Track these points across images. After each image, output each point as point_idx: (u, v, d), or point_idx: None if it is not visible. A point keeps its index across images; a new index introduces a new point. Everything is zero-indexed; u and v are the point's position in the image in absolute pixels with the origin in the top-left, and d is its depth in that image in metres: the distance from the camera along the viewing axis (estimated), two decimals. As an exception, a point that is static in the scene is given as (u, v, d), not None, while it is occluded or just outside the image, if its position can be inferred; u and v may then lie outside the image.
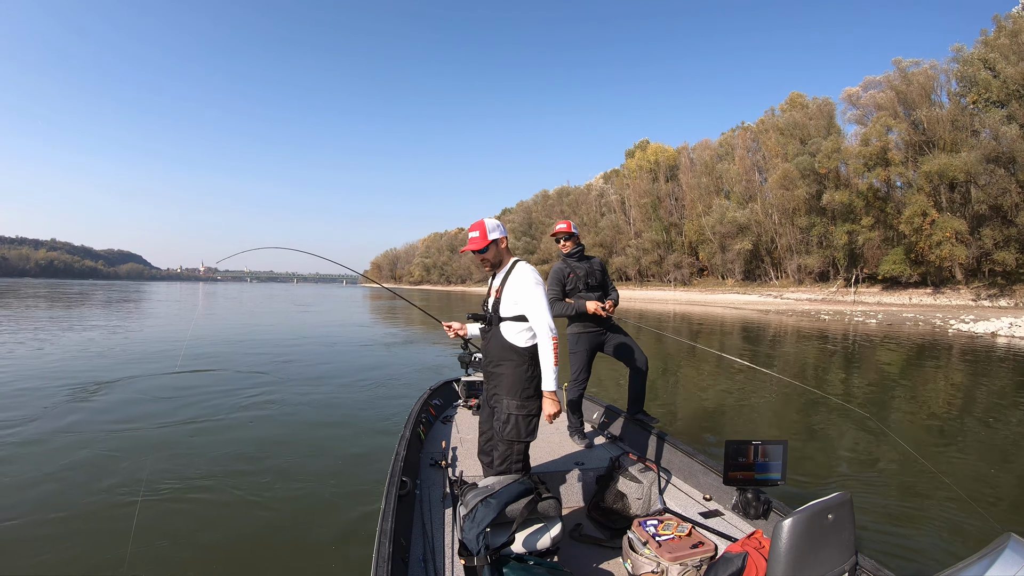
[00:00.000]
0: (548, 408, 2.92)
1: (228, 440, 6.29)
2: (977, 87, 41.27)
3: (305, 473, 5.27)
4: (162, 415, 7.25)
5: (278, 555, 3.67)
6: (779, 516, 2.93)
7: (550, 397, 2.92)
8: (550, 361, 2.87)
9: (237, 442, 6.22)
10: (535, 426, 3.06)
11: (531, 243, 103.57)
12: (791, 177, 55.37)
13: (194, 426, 6.83)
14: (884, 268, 46.95)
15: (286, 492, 4.70)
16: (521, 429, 2.97)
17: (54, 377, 9.49)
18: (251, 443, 6.19)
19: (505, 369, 3.00)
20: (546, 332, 2.89)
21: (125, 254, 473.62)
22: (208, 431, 6.65)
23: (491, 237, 3.01)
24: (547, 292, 4.28)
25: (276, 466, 5.46)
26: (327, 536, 3.89)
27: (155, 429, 6.61)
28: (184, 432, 6.58)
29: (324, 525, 4.01)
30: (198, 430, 6.69)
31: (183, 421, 7.00)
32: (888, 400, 9.31)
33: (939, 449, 6.41)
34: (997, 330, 21.61)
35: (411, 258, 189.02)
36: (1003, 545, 1.55)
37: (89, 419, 6.99)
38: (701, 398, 9.34)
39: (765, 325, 27.03)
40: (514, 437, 2.98)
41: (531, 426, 3.02)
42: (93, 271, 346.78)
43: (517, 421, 2.96)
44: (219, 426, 6.87)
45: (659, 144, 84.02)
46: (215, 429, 6.74)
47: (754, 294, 57.76)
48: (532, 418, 3.01)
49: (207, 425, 6.89)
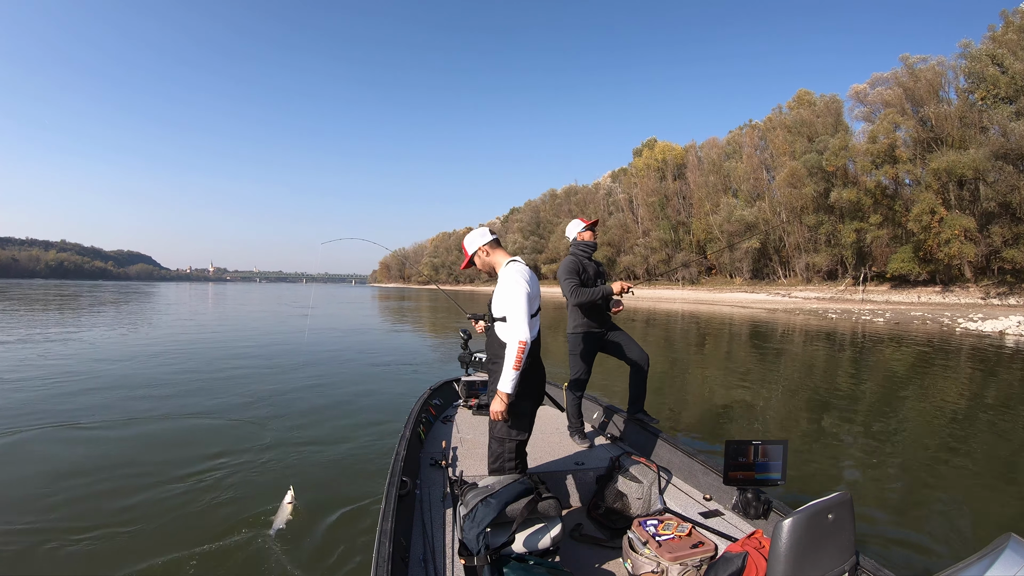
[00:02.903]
0: (494, 405, 2.95)
1: (227, 440, 6.33)
2: (985, 83, 40.93)
3: (305, 472, 5.28)
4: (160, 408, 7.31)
5: (278, 555, 3.67)
6: (779, 516, 2.92)
7: (500, 396, 2.92)
8: (511, 363, 2.87)
9: (236, 442, 6.26)
10: (527, 424, 3.10)
11: (539, 242, 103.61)
12: (799, 175, 55.18)
13: (193, 425, 6.89)
14: (893, 266, 46.65)
15: (284, 490, 4.70)
16: (509, 428, 3.02)
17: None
18: (251, 443, 6.22)
19: (498, 367, 3.01)
20: (514, 336, 2.88)
21: (135, 255, 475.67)
22: (208, 431, 6.70)
23: (470, 251, 3.23)
24: (566, 282, 4.28)
25: (276, 464, 5.48)
26: (327, 536, 3.89)
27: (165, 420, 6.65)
28: (183, 433, 6.62)
29: (324, 525, 4.01)
30: (197, 429, 6.76)
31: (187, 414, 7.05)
32: (891, 399, 9.26)
33: (941, 448, 6.37)
34: (1005, 329, 21.47)
35: (420, 258, 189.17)
36: (1003, 545, 1.54)
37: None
38: (702, 398, 9.33)
39: (773, 324, 26.94)
40: (503, 435, 3.03)
41: (521, 424, 3.06)
42: (103, 272, 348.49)
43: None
44: (219, 426, 6.93)
45: (667, 143, 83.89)
46: (214, 428, 6.80)
47: (762, 293, 57.56)
48: (523, 417, 3.06)
49: (206, 426, 6.94)
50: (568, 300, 4.41)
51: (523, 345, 2.87)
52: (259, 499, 4.55)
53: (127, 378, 9.76)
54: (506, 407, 2.93)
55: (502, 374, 2.91)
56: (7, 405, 7.60)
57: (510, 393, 2.90)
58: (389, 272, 55.25)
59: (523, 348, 2.87)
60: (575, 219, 4.70)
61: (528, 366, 2.97)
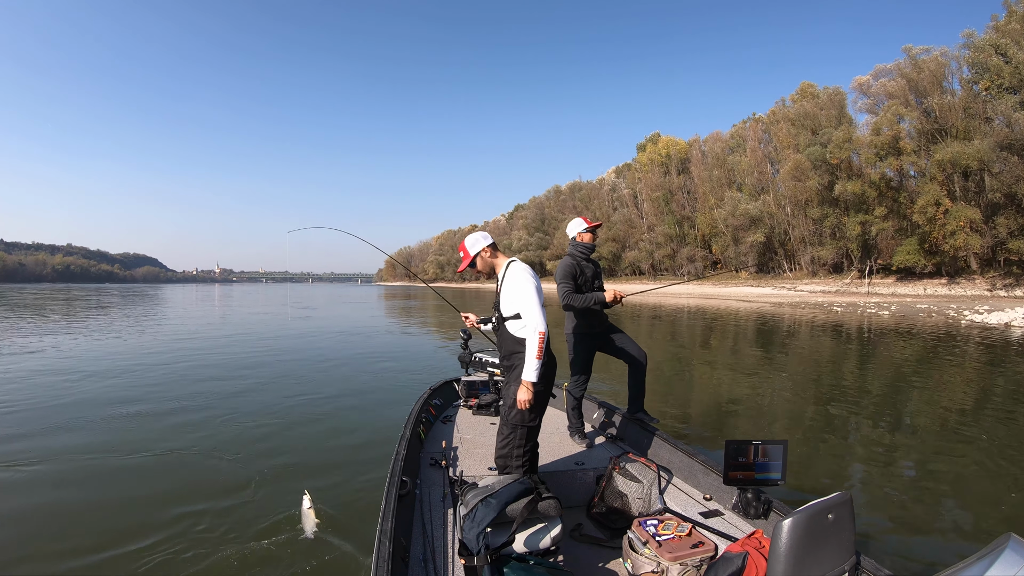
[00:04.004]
0: (521, 395, 3.03)
1: (225, 439, 6.37)
2: (989, 73, 40.57)
3: (304, 472, 5.29)
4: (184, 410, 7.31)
5: (279, 554, 3.68)
6: (779, 516, 2.91)
7: (526, 385, 3.03)
8: (533, 354, 3.01)
9: (235, 441, 6.30)
10: (541, 409, 3.19)
11: (544, 239, 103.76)
12: (803, 168, 55.01)
13: (193, 422, 6.92)
14: (898, 259, 46.48)
15: (285, 491, 4.71)
16: (525, 413, 3.09)
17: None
18: (250, 442, 6.25)
19: (517, 361, 3.15)
20: (533, 328, 3.03)
21: (141, 257, 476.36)
22: (204, 431, 6.73)
23: (472, 252, 3.32)
24: (560, 286, 4.31)
25: (276, 465, 5.50)
26: (327, 535, 3.89)
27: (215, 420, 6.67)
28: (183, 430, 6.66)
29: (324, 524, 4.01)
30: (195, 426, 6.81)
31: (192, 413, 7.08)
32: (894, 395, 9.24)
33: (943, 446, 6.34)
34: (1011, 321, 21.35)
35: (425, 256, 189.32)
36: (1003, 545, 1.54)
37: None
38: (705, 395, 9.33)
39: (779, 318, 26.88)
40: (518, 421, 3.12)
41: (534, 411, 3.14)
42: (109, 275, 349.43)
43: None
44: (215, 425, 6.97)
45: (670, 137, 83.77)
46: (209, 429, 6.83)
47: (768, 287, 57.41)
48: (540, 403, 3.16)
49: (205, 424, 7.00)
50: (560, 301, 4.41)
51: (543, 335, 3.02)
52: (274, 507, 4.50)
53: (109, 390, 9.08)
54: (532, 395, 3.03)
55: (526, 364, 3.04)
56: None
57: (535, 382, 3.03)
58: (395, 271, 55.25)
59: (543, 338, 3.02)
60: (578, 217, 4.67)
61: (544, 358, 3.09)
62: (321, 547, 3.75)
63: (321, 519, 3.83)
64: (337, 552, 3.72)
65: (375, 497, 4.38)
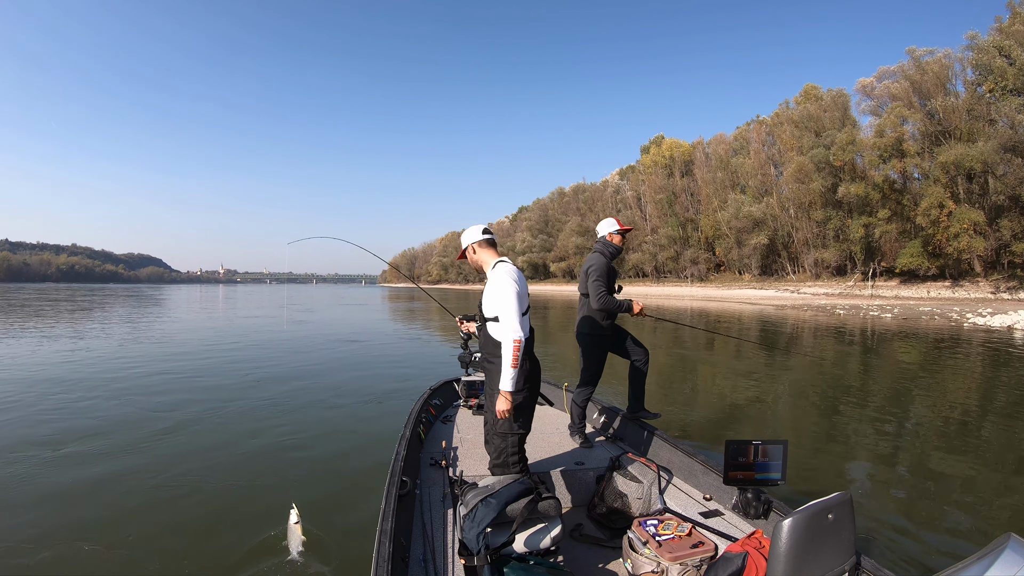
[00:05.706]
0: (499, 405, 2.99)
1: (224, 439, 6.38)
2: (993, 75, 40.49)
3: (305, 472, 5.31)
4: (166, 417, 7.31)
5: (278, 554, 3.68)
6: (779, 516, 2.90)
7: (504, 395, 2.96)
8: (508, 362, 2.91)
9: (235, 440, 6.31)
10: (528, 417, 3.15)
11: (548, 241, 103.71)
12: (806, 170, 54.97)
13: (193, 419, 6.94)
14: (902, 261, 46.41)
15: (285, 491, 4.71)
16: (511, 422, 3.06)
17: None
18: (250, 442, 6.26)
19: (495, 365, 3.07)
20: (508, 335, 2.92)
21: (145, 258, 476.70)
22: (203, 429, 6.77)
23: (463, 246, 3.35)
24: (595, 283, 4.24)
25: (276, 464, 5.51)
26: (327, 535, 3.89)
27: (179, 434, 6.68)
28: (183, 429, 6.69)
29: (324, 524, 4.01)
30: (193, 423, 6.85)
31: (177, 418, 7.09)
32: (896, 397, 9.20)
33: (944, 447, 6.32)
34: (1014, 323, 21.28)
35: (429, 257, 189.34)
36: (1003, 545, 1.54)
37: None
38: (707, 395, 9.32)
39: (782, 321, 26.83)
40: (506, 430, 3.08)
41: (520, 418, 3.10)
42: (114, 275, 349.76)
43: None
44: (216, 424, 7.00)
45: (674, 139, 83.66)
46: (209, 427, 6.86)
47: (771, 289, 57.42)
48: (524, 411, 3.11)
49: (203, 423, 7.03)
50: (591, 301, 4.32)
51: (519, 343, 2.91)
52: (257, 498, 4.55)
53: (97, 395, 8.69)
54: (510, 404, 2.97)
55: (502, 373, 2.94)
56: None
57: (512, 391, 2.95)
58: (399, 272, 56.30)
59: (519, 346, 2.91)
60: (610, 218, 4.65)
61: (523, 362, 3.02)
62: (321, 547, 3.74)
63: (307, 536, 3.62)
64: (337, 552, 3.72)
65: (375, 497, 4.40)
